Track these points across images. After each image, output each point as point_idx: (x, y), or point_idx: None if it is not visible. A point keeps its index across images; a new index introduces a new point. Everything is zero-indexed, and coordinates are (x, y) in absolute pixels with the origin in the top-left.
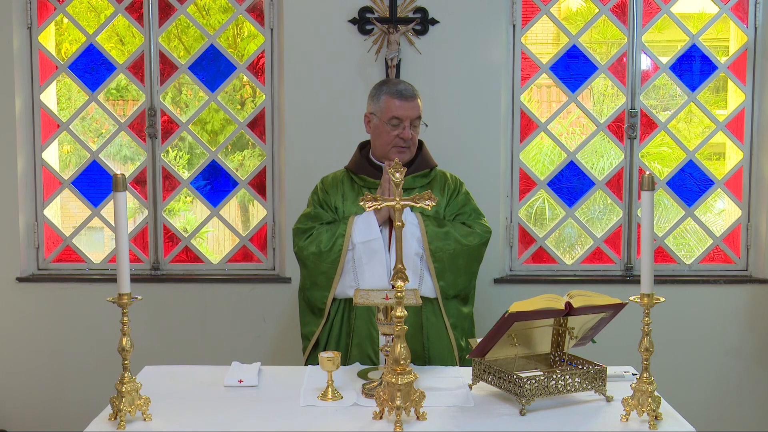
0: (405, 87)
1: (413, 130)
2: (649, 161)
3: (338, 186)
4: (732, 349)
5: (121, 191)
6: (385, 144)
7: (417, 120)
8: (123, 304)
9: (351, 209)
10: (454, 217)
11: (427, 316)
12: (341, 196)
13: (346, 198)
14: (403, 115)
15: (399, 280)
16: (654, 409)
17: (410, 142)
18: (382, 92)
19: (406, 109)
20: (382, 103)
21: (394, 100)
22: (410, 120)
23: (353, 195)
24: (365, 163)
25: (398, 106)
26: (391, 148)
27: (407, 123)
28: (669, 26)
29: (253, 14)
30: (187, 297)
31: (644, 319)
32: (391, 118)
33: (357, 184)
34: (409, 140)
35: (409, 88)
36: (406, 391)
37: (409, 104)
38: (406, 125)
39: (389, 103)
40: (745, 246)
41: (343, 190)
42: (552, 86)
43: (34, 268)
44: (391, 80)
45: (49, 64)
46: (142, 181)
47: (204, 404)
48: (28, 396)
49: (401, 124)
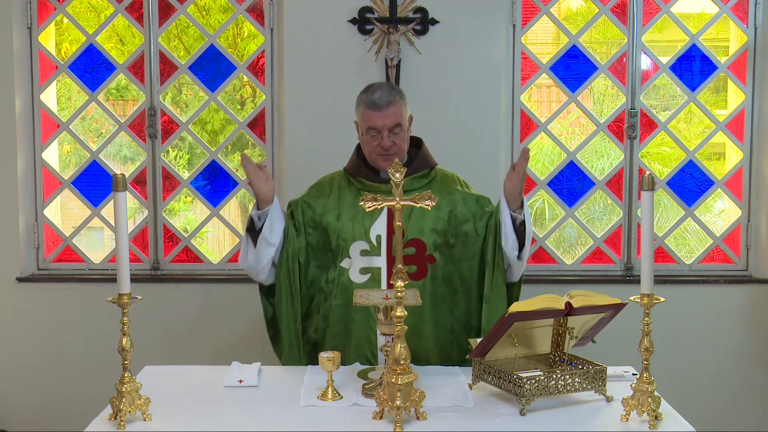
0: (380, 95)
1: (394, 137)
2: (649, 161)
3: (334, 187)
4: (732, 349)
5: (121, 191)
6: (370, 153)
7: (397, 127)
8: (123, 304)
9: (348, 211)
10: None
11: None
12: (337, 197)
13: (343, 200)
14: (378, 125)
15: (399, 280)
16: (654, 409)
17: (394, 149)
18: (360, 102)
19: (382, 118)
20: (360, 113)
21: (368, 110)
22: (388, 128)
23: (351, 196)
24: (362, 165)
25: (374, 116)
26: (376, 157)
27: (385, 132)
28: (669, 26)
29: (253, 14)
30: (187, 297)
31: (644, 319)
32: (367, 129)
33: (354, 186)
34: (391, 148)
35: (384, 95)
36: (406, 391)
37: (384, 113)
38: (384, 134)
39: (365, 114)
40: (745, 246)
41: (340, 191)
42: (552, 86)
43: (34, 268)
44: (371, 86)
45: (49, 64)
46: (142, 181)
47: (204, 404)
48: (28, 396)
49: (379, 134)
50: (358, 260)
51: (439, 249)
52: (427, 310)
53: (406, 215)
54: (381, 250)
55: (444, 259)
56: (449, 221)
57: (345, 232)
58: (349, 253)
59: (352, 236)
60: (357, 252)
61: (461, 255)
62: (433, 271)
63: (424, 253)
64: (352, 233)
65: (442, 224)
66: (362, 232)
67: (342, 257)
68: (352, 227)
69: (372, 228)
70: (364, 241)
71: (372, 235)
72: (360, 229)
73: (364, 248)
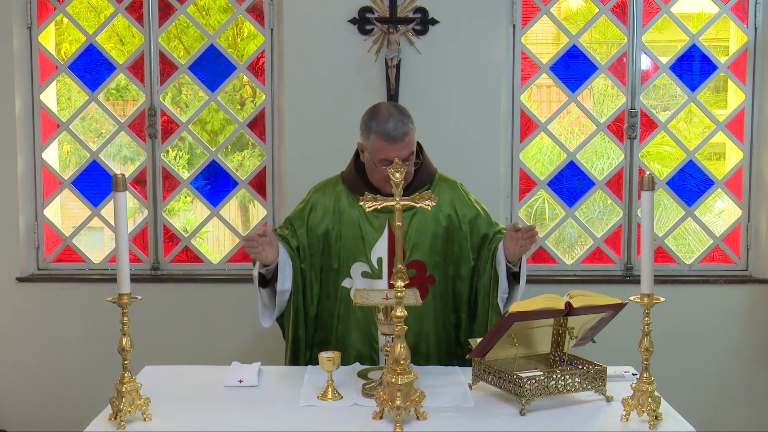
0: (395, 126)
1: (406, 165)
2: (649, 161)
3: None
4: (732, 349)
5: (121, 191)
6: (378, 180)
7: (410, 156)
8: (123, 304)
9: (349, 231)
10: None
11: None
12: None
13: (344, 218)
14: (393, 157)
15: (399, 280)
16: (654, 409)
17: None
18: (371, 130)
19: (397, 150)
20: (372, 143)
21: (383, 142)
22: (402, 159)
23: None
24: (361, 183)
25: (388, 148)
26: (385, 184)
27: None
28: (669, 26)
29: (253, 14)
30: (187, 297)
31: (644, 319)
32: (380, 160)
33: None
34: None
35: (399, 126)
36: (406, 391)
37: (399, 146)
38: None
39: (378, 144)
40: (745, 246)
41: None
42: (552, 86)
43: (34, 268)
44: (380, 112)
45: (49, 64)
46: (142, 181)
47: (204, 404)
48: (28, 396)
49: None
50: (359, 281)
51: (437, 268)
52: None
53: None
54: (382, 273)
55: (442, 277)
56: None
57: (345, 252)
58: (350, 274)
59: (354, 257)
60: (358, 273)
61: (455, 273)
62: (433, 291)
63: (424, 275)
64: (353, 254)
65: (441, 243)
66: (363, 253)
67: (343, 277)
68: (353, 248)
69: (372, 250)
70: (365, 264)
71: (373, 257)
72: (361, 251)
73: (365, 270)
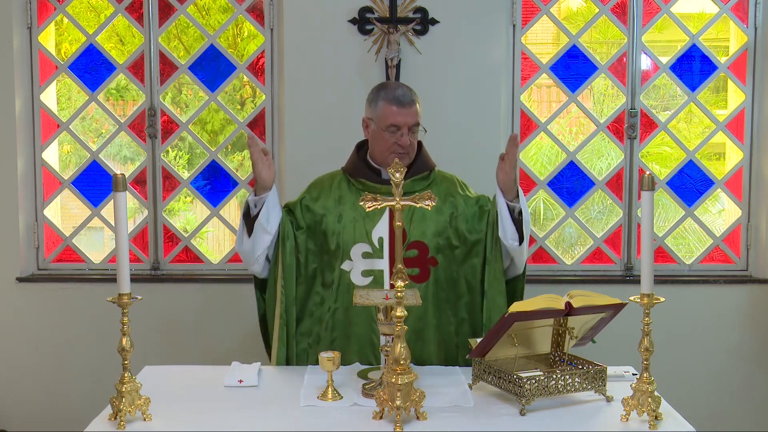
0: (403, 92)
1: (411, 136)
2: (649, 161)
3: (334, 188)
4: (732, 349)
5: (121, 191)
6: (384, 150)
7: (416, 126)
8: (123, 304)
9: (350, 213)
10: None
11: None
12: (337, 198)
13: (344, 201)
14: (401, 122)
15: (399, 280)
16: (654, 409)
17: (409, 148)
18: (379, 98)
19: (404, 116)
20: (380, 110)
21: (391, 107)
22: (408, 126)
23: (351, 197)
24: (362, 165)
25: (396, 113)
26: (390, 154)
27: (405, 130)
28: (669, 26)
29: (253, 14)
30: (187, 297)
31: (644, 319)
32: (388, 125)
33: (355, 186)
34: (408, 146)
35: (407, 93)
36: (406, 391)
37: (407, 111)
38: (404, 132)
39: (386, 110)
40: (745, 246)
41: (340, 192)
42: (552, 86)
43: (34, 268)
44: (389, 84)
45: (49, 64)
46: (142, 181)
47: (204, 404)
48: (28, 396)
49: (399, 131)
50: (360, 263)
51: (441, 251)
52: (430, 313)
53: (408, 218)
54: (383, 253)
55: (447, 261)
56: (451, 223)
57: (346, 234)
58: (350, 256)
59: (354, 238)
60: (358, 254)
61: (464, 256)
62: (435, 274)
63: (426, 256)
64: (353, 235)
65: (444, 226)
66: (364, 234)
67: (342, 259)
68: (354, 229)
69: (374, 230)
70: (366, 244)
71: (374, 237)
72: (361, 232)
73: (365, 251)
